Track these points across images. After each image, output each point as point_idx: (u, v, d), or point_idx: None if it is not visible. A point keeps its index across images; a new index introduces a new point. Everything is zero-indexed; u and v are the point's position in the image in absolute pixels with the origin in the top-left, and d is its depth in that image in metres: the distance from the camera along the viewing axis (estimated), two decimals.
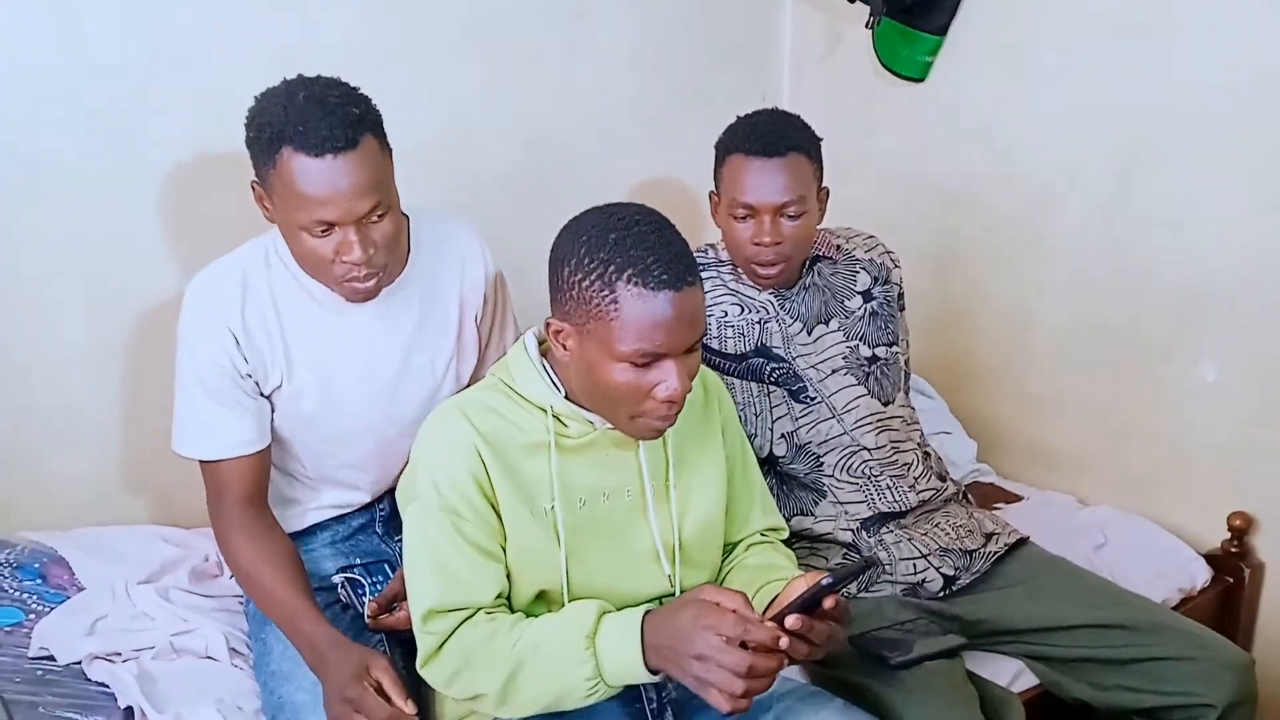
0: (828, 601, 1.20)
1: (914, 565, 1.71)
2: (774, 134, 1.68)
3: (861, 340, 1.81)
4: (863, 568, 1.33)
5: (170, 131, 1.90)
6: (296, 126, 1.36)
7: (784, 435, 1.77)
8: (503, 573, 1.33)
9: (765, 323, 1.77)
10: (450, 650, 1.30)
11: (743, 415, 1.73)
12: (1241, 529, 2.03)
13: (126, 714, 1.49)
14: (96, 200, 1.87)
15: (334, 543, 1.70)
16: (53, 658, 1.57)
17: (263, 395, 1.57)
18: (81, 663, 1.56)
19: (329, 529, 1.70)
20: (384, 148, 1.45)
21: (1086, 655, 1.66)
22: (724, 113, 1.77)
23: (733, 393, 1.73)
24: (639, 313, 1.22)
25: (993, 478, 2.34)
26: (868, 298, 1.83)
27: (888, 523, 1.75)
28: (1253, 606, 2.08)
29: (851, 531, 1.74)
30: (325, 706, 1.40)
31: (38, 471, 1.90)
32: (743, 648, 1.18)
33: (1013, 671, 1.71)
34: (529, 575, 1.35)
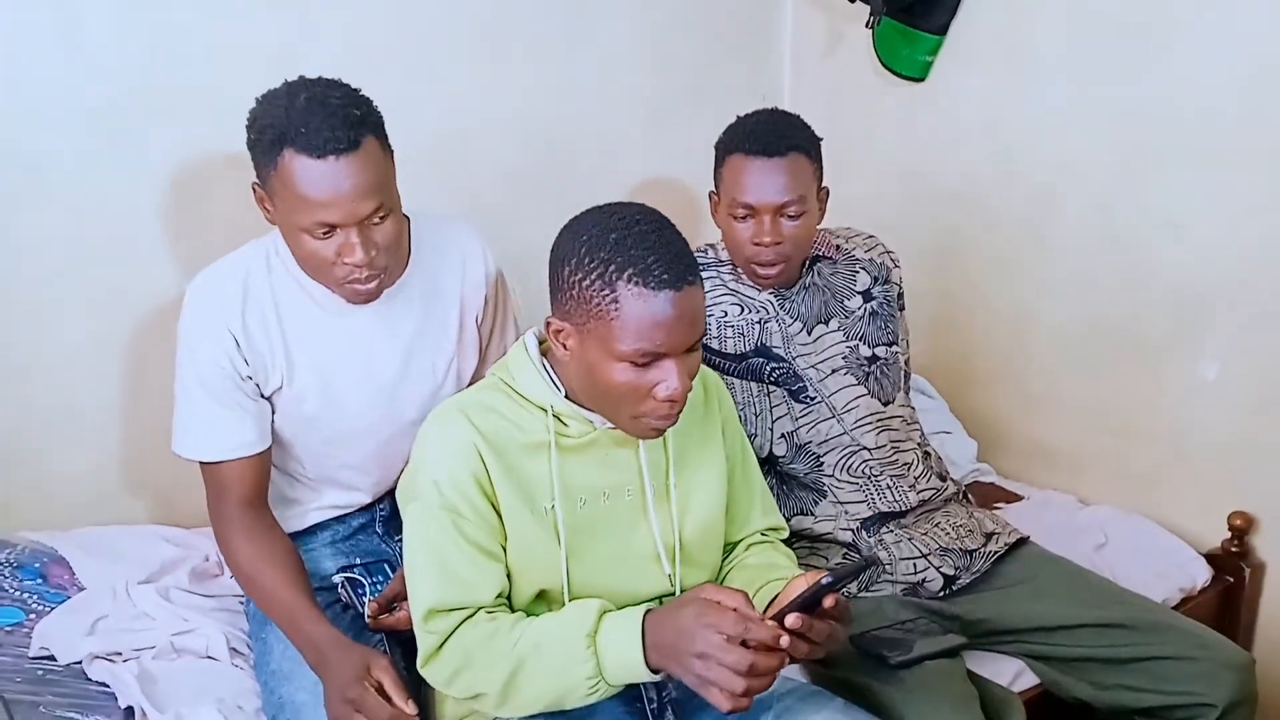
0: (828, 600, 1.20)
1: (914, 565, 1.71)
2: (774, 134, 1.68)
3: (861, 340, 1.81)
4: (863, 567, 1.33)
5: (170, 131, 1.90)
6: (298, 128, 1.36)
7: (784, 435, 1.77)
8: (503, 572, 1.33)
9: (765, 322, 1.77)
10: (451, 649, 1.30)
11: (743, 415, 1.73)
12: (1242, 528, 2.03)
13: (127, 714, 1.49)
14: (96, 200, 1.87)
15: (334, 542, 1.70)
16: (53, 657, 1.57)
17: (263, 397, 1.57)
18: (82, 662, 1.56)
19: (329, 529, 1.71)
20: (385, 149, 1.45)
21: (1087, 655, 1.66)
22: (724, 112, 1.77)
23: (733, 392, 1.73)
24: (639, 312, 1.22)
25: (993, 477, 2.34)
26: (867, 297, 1.83)
27: (888, 522, 1.75)
28: (1253, 606, 2.08)
29: (851, 531, 1.74)
30: (326, 706, 1.40)
31: (38, 471, 1.90)
32: (743, 646, 1.18)
33: (1013, 671, 1.71)
34: (529, 575, 1.35)
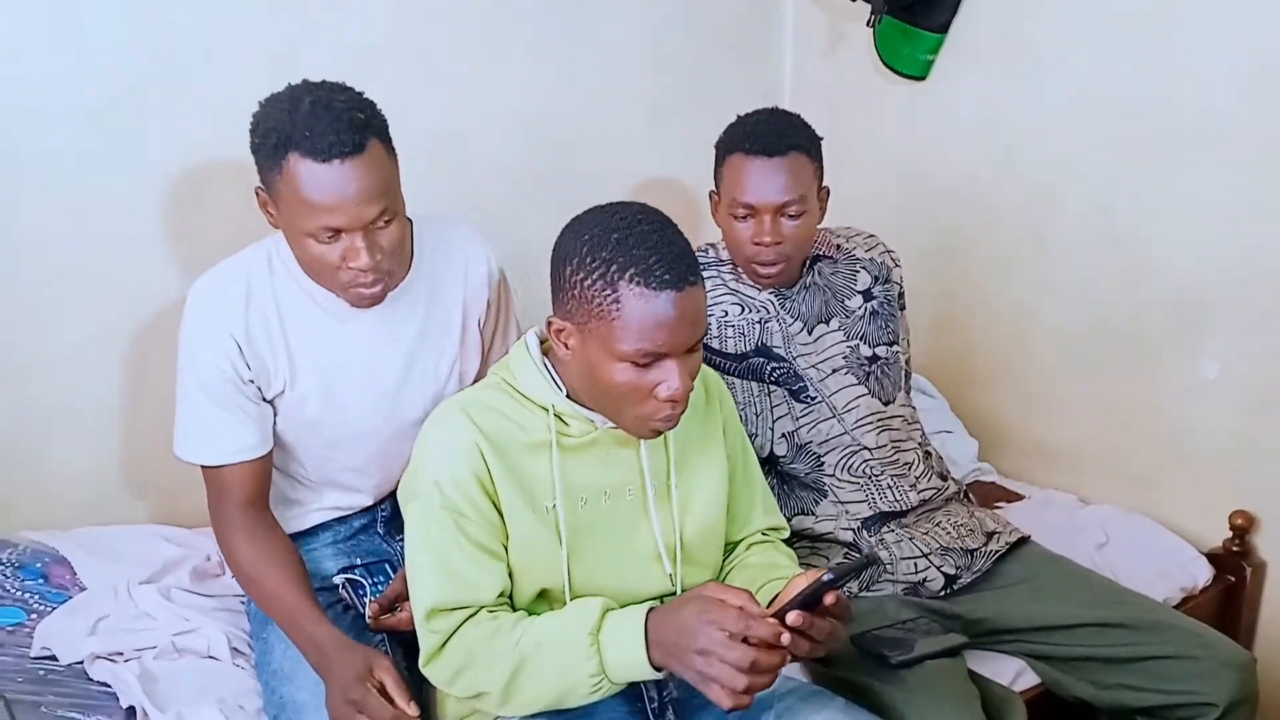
0: (829, 598, 1.20)
1: (915, 564, 1.71)
2: (774, 133, 1.68)
3: (862, 340, 1.81)
4: (864, 564, 1.33)
5: (171, 131, 1.90)
6: (303, 132, 1.35)
7: (785, 435, 1.77)
8: (505, 571, 1.33)
9: (765, 322, 1.77)
10: (453, 648, 1.30)
11: (743, 415, 1.73)
12: (1243, 528, 2.03)
13: (128, 713, 1.49)
14: (97, 200, 1.87)
15: (335, 543, 1.70)
16: (55, 657, 1.57)
17: (265, 401, 1.56)
18: (83, 662, 1.56)
19: (330, 529, 1.70)
20: (390, 152, 1.44)
21: (1088, 654, 1.66)
22: (725, 111, 1.77)
23: (733, 392, 1.73)
24: (641, 312, 1.22)
25: (994, 476, 2.34)
26: (868, 297, 1.83)
27: (889, 522, 1.75)
28: (1254, 605, 2.08)
29: (852, 531, 1.74)
30: (328, 707, 1.39)
31: (38, 471, 1.90)
32: (745, 643, 1.18)
33: (1014, 670, 1.71)
34: (531, 574, 1.35)
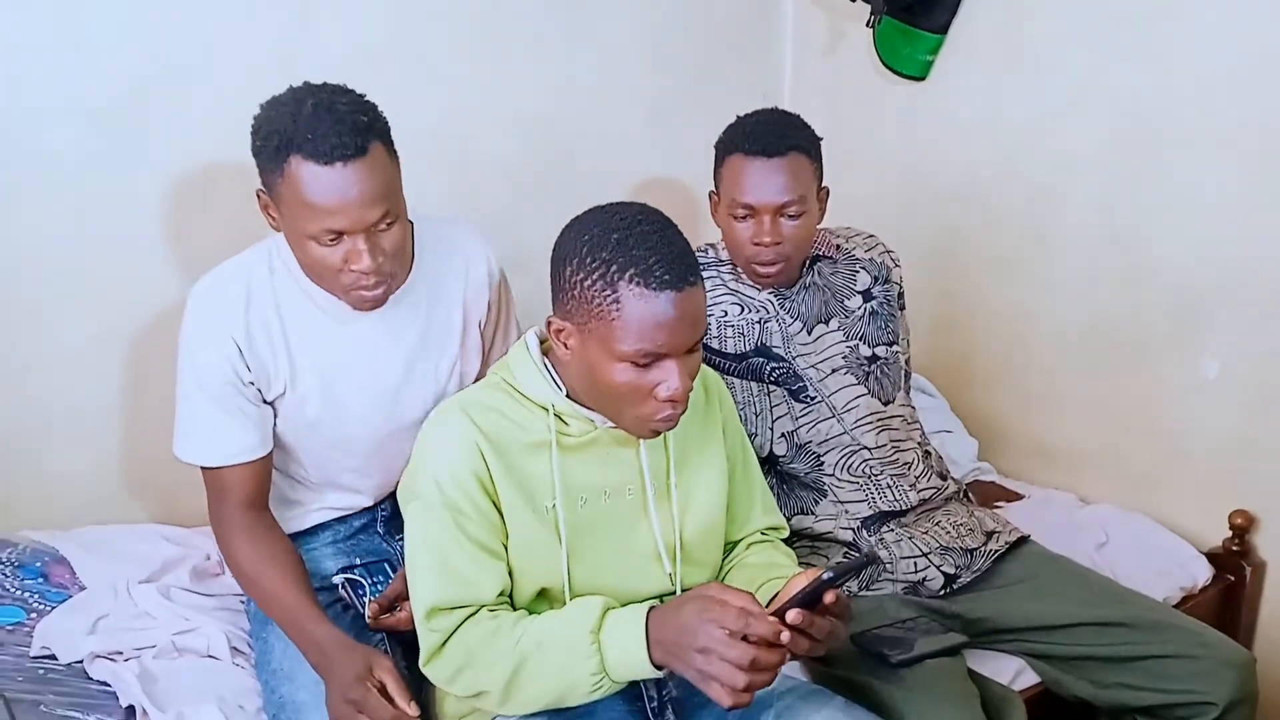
0: (828, 596, 1.20)
1: (915, 564, 1.71)
2: (774, 134, 1.68)
3: (861, 340, 1.81)
4: (863, 563, 1.33)
5: (171, 131, 1.90)
6: (305, 135, 1.35)
7: (784, 434, 1.77)
8: (505, 570, 1.33)
9: (765, 322, 1.77)
10: (453, 648, 1.30)
11: (743, 414, 1.73)
12: (1243, 527, 2.03)
13: (128, 713, 1.49)
14: (97, 201, 1.87)
15: (335, 542, 1.70)
16: (54, 656, 1.57)
17: (265, 402, 1.56)
18: (83, 661, 1.56)
19: (330, 529, 1.70)
20: (392, 155, 1.44)
21: (1087, 653, 1.66)
22: (724, 111, 1.77)
23: (733, 392, 1.73)
24: (641, 313, 1.22)
25: (994, 476, 2.34)
26: (868, 297, 1.83)
27: (888, 521, 1.75)
28: (1254, 605, 2.08)
29: (852, 530, 1.74)
30: (328, 707, 1.39)
31: (38, 471, 1.90)
32: (745, 641, 1.18)
33: (1014, 669, 1.71)
34: (531, 573, 1.35)
